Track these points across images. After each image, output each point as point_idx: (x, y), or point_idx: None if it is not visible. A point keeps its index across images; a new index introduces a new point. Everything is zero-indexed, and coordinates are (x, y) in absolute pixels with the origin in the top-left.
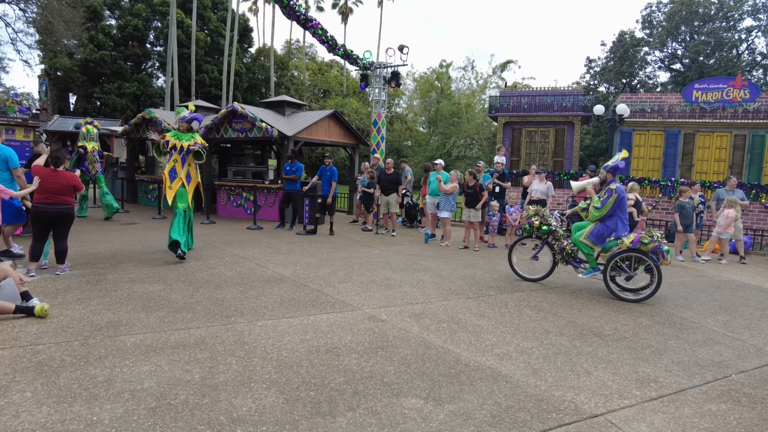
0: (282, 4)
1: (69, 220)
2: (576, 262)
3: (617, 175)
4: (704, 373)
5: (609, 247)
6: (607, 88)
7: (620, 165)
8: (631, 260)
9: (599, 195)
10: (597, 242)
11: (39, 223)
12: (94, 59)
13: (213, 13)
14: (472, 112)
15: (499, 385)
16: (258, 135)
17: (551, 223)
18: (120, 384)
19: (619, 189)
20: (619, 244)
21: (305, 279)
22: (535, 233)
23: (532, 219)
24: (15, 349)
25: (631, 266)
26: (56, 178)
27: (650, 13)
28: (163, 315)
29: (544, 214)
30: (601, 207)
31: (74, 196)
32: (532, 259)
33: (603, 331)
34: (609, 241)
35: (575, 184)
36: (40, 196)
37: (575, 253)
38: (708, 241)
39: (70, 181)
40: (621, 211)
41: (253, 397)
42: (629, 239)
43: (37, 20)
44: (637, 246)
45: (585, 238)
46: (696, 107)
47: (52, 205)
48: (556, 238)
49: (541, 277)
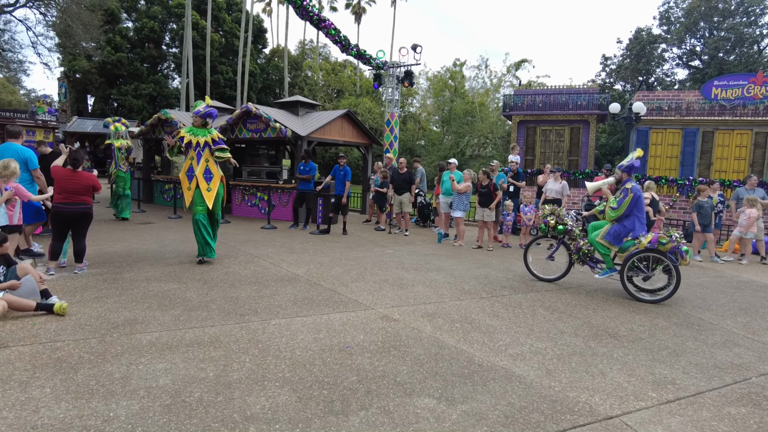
0: (295, 5)
1: (88, 220)
2: (593, 262)
3: (633, 174)
4: (723, 375)
5: (626, 247)
6: (623, 86)
7: (636, 164)
8: (648, 260)
9: (615, 195)
10: (614, 242)
11: (59, 223)
12: (111, 61)
13: (227, 14)
14: (486, 111)
15: (513, 385)
16: (272, 135)
17: (567, 222)
18: (136, 381)
19: (635, 188)
20: (637, 244)
21: (318, 278)
22: (550, 233)
23: (547, 218)
24: (35, 345)
25: (649, 266)
26: (75, 178)
27: (668, 9)
28: (178, 313)
29: (560, 213)
30: (618, 207)
31: (92, 196)
32: (547, 259)
33: (618, 331)
34: (626, 241)
35: (590, 185)
36: (60, 196)
37: (592, 252)
38: (727, 241)
39: (89, 181)
40: (638, 210)
41: (267, 396)
42: (647, 239)
43: (56, 24)
44: (655, 246)
45: (601, 238)
46: (715, 104)
47: (72, 205)
48: (572, 237)
49: (557, 278)
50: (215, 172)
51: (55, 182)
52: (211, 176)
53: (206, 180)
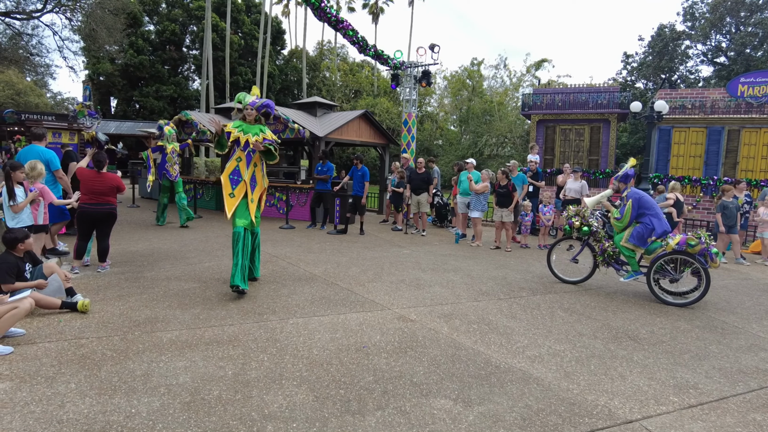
0: (313, 7)
1: (112, 220)
2: (617, 264)
3: (629, 183)
4: (748, 380)
5: (653, 249)
6: (645, 84)
7: (630, 173)
8: (676, 263)
9: (616, 206)
10: (639, 244)
11: (84, 223)
12: (133, 64)
13: (247, 16)
14: (504, 110)
15: (530, 387)
16: (290, 136)
17: (592, 224)
18: (156, 378)
19: (631, 193)
20: (664, 245)
21: (336, 278)
22: (575, 234)
23: (572, 220)
24: (61, 342)
25: (677, 269)
26: (100, 179)
27: (692, 5)
28: (198, 312)
29: (585, 214)
30: (621, 217)
31: (116, 197)
32: (571, 261)
33: (639, 334)
34: (652, 242)
35: (589, 201)
36: (85, 197)
37: (617, 254)
38: (754, 242)
39: (113, 182)
40: (647, 208)
41: (284, 394)
42: (675, 240)
43: (81, 28)
44: (684, 248)
45: (626, 242)
46: (741, 102)
47: (97, 206)
48: (597, 239)
49: (581, 280)
50: (260, 181)
51: (81, 183)
52: (255, 184)
53: (252, 188)
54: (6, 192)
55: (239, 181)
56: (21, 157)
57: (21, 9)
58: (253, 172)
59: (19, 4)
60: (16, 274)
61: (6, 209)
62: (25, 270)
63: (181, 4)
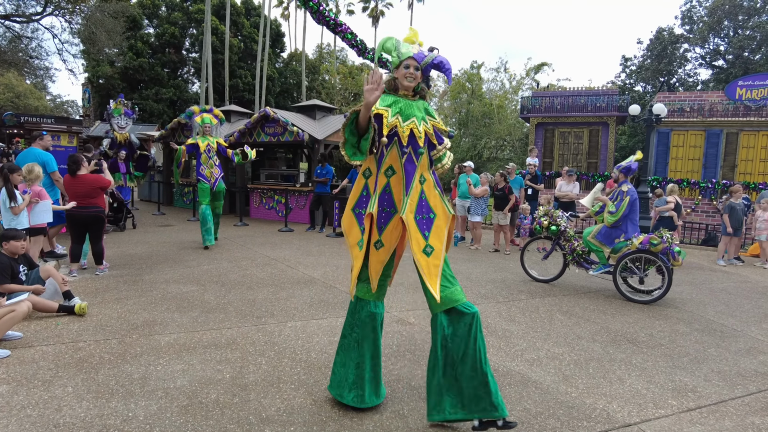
0: (312, 10)
1: (100, 223)
2: (587, 263)
3: (629, 176)
4: (747, 384)
5: (619, 248)
6: (644, 88)
7: (633, 166)
8: (641, 261)
9: (612, 198)
10: (605, 242)
11: (74, 226)
12: (133, 66)
13: (246, 19)
14: (504, 113)
15: (529, 390)
16: (290, 139)
17: (560, 223)
18: (154, 382)
19: (630, 191)
20: (629, 245)
21: (334, 281)
22: (544, 233)
23: (541, 219)
24: (58, 345)
25: (642, 267)
26: (79, 182)
27: (690, 9)
28: (196, 315)
29: (554, 214)
30: (616, 211)
31: (104, 197)
32: (543, 260)
33: (637, 337)
34: (618, 242)
35: (585, 200)
36: (72, 201)
37: (586, 254)
38: (753, 245)
39: (95, 182)
40: (632, 212)
41: (282, 398)
42: (638, 240)
43: (81, 31)
44: (647, 247)
45: (593, 237)
46: (740, 105)
47: (83, 209)
48: (566, 238)
49: (552, 278)
50: (440, 208)
51: (65, 188)
52: (432, 216)
53: (422, 228)
54: (5, 194)
55: (391, 214)
56: (19, 160)
57: (21, 12)
58: (421, 190)
59: (18, 7)
60: (10, 276)
61: (5, 211)
62: (20, 272)
63: (181, 7)
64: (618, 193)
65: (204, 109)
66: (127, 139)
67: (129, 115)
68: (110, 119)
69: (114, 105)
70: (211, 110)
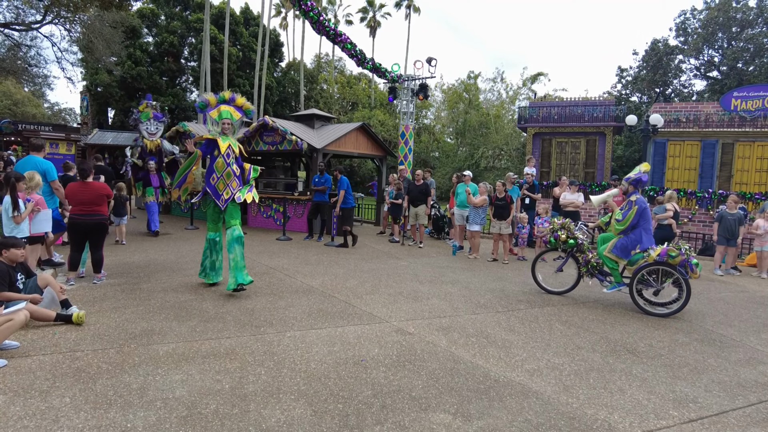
0: (312, 20)
1: (102, 231)
2: (601, 275)
3: (639, 188)
4: (747, 394)
5: (635, 260)
6: (640, 98)
7: (643, 178)
8: (658, 273)
9: (621, 207)
10: (622, 255)
11: (75, 233)
12: (131, 75)
13: (245, 28)
14: (501, 123)
15: (530, 401)
16: (288, 147)
17: (578, 236)
18: (153, 392)
19: (639, 200)
20: (646, 257)
21: (333, 290)
22: (560, 246)
23: (558, 232)
24: (55, 355)
25: (659, 279)
26: (86, 189)
27: (684, 21)
28: (194, 324)
29: (570, 227)
30: (623, 219)
31: (107, 206)
32: (556, 272)
33: (637, 347)
34: (635, 253)
35: (595, 198)
36: (76, 208)
37: (601, 266)
38: (750, 254)
39: (101, 190)
40: (644, 221)
41: (282, 408)
42: (656, 252)
43: (80, 39)
44: (665, 259)
45: (609, 252)
46: (735, 116)
47: (87, 216)
48: (581, 250)
49: (565, 290)
50: None
51: (69, 195)
52: None
53: None
54: (9, 203)
55: None
56: (18, 168)
57: (20, 20)
58: None
59: (18, 16)
60: (8, 284)
61: (6, 220)
62: (17, 280)
63: (180, 16)
64: (627, 202)
65: (223, 99)
66: (158, 146)
67: (159, 118)
68: (138, 125)
69: (141, 108)
70: (233, 99)
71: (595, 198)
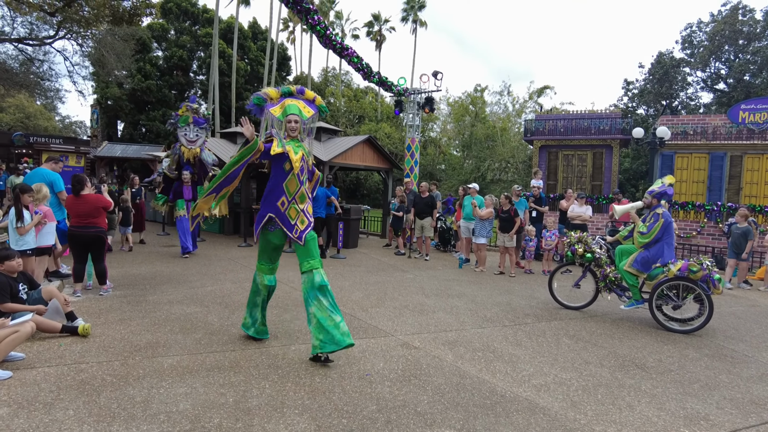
0: (319, 34)
1: (101, 243)
2: (620, 290)
3: (663, 201)
4: (761, 412)
5: (655, 275)
6: (646, 111)
7: (669, 191)
8: (678, 289)
9: (645, 220)
10: (642, 269)
11: (75, 246)
12: (141, 88)
13: (253, 43)
14: (507, 136)
15: (537, 417)
16: None
17: (595, 250)
18: (156, 405)
19: (665, 214)
20: (666, 271)
21: (338, 303)
22: (578, 260)
23: (575, 246)
24: (60, 366)
25: (679, 295)
26: (81, 201)
27: (690, 34)
28: (199, 337)
29: (588, 241)
30: (648, 232)
31: (106, 218)
32: (573, 287)
33: (646, 362)
34: (655, 268)
35: (618, 208)
36: (74, 220)
37: (619, 280)
38: (761, 268)
39: (96, 202)
40: (667, 235)
41: (286, 423)
42: (677, 267)
43: (91, 54)
44: (686, 274)
45: (629, 266)
46: (743, 128)
47: (84, 228)
48: (599, 265)
49: (583, 305)
50: None
51: (67, 208)
52: None
53: None
54: (14, 214)
55: None
56: (27, 180)
57: (34, 35)
58: None
59: (32, 31)
60: (10, 294)
61: (12, 231)
62: (20, 291)
63: (189, 30)
64: (653, 215)
65: (288, 92)
66: (197, 156)
67: (200, 123)
68: (176, 131)
69: (180, 111)
70: (301, 92)
71: (619, 208)
